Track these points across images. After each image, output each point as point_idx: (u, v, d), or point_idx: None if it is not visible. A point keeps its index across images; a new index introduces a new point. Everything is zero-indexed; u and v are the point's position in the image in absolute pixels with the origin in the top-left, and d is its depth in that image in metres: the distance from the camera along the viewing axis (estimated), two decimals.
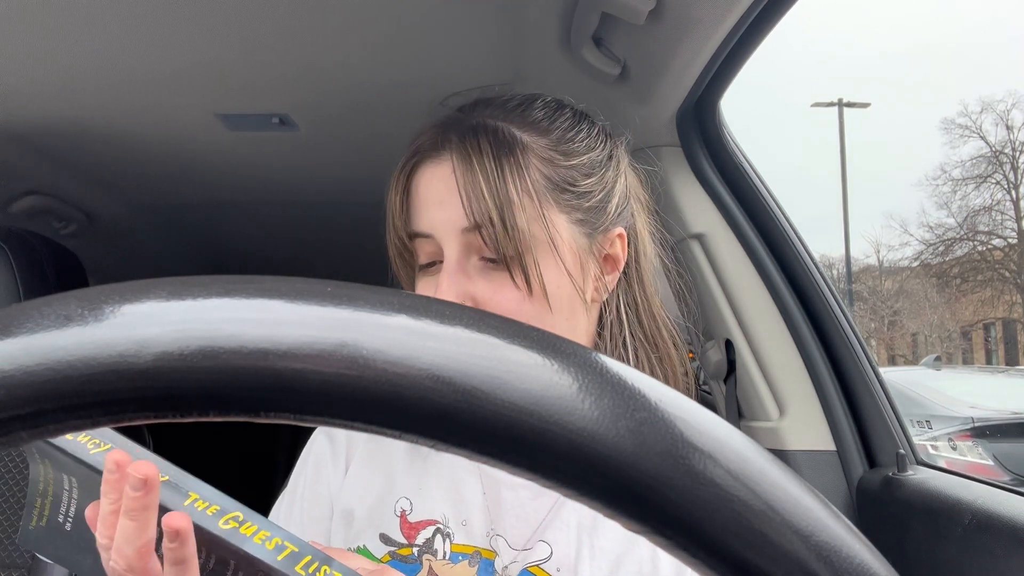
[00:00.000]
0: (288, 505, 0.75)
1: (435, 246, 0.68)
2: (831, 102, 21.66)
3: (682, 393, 0.21)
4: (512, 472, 0.20)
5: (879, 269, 28.31)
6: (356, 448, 0.75)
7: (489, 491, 0.70)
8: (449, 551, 0.68)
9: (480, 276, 0.66)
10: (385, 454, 0.74)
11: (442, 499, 0.70)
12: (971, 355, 24.55)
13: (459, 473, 0.71)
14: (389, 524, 0.70)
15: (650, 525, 0.20)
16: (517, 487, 0.69)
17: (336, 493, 0.73)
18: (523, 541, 0.68)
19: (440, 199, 0.67)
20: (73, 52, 1.05)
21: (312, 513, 0.73)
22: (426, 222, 0.68)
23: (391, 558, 0.68)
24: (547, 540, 0.67)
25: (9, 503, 1.18)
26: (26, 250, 1.22)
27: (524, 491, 0.69)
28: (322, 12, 0.97)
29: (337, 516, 0.72)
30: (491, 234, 0.64)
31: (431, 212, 0.68)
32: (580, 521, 0.68)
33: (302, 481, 0.76)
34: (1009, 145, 23.58)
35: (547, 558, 0.67)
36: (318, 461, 0.76)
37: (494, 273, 0.66)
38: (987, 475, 4.31)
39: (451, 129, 0.69)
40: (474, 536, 0.68)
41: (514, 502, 0.69)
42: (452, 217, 0.66)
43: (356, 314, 0.20)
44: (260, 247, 2.17)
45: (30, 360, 0.18)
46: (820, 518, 0.20)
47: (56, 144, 1.42)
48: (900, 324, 26.15)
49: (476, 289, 0.66)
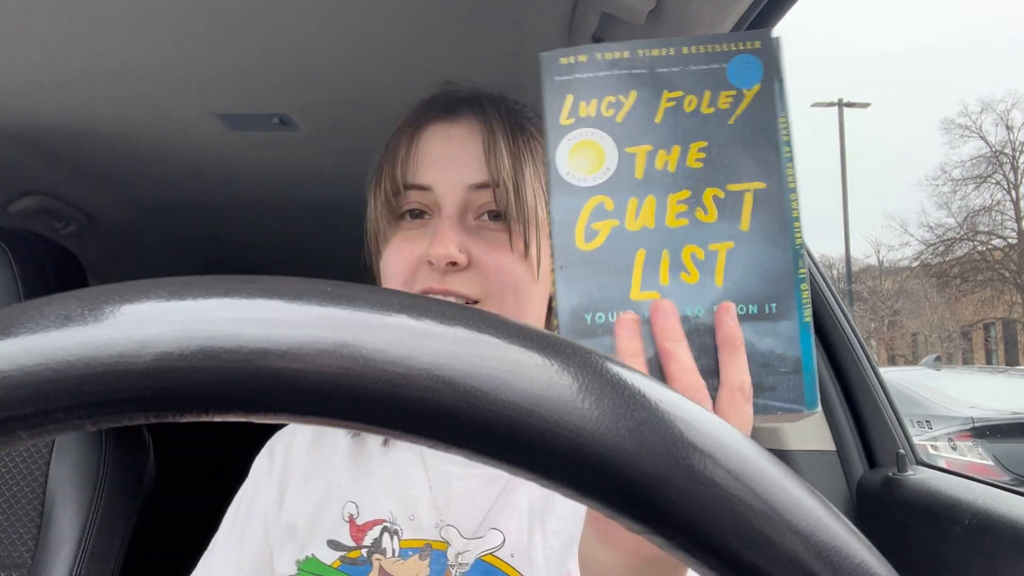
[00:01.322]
0: (231, 524, 0.76)
1: (431, 200, 0.69)
2: (831, 102, 21.65)
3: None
4: (512, 472, 0.20)
5: (879, 269, 28.31)
6: (294, 462, 0.76)
7: (436, 484, 0.71)
8: (398, 548, 0.68)
9: (476, 234, 0.68)
10: (325, 463, 0.75)
11: (388, 498, 0.71)
12: (971, 355, 24.55)
13: (403, 470, 0.72)
14: (337, 530, 0.70)
15: (650, 525, 0.20)
16: (467, 477, 0.70)
17: (273, 509, 0.74)
18: (474, 529, 0.68)
19: (451, 157, 0.69)
20: (73, 52, 1.05)
21: (249, 530, 0.75)
22: (431, 176, 0.69)
23: (341, 563, 0.69)
24: (499, 528, 0.68)
25: (9, 503, 1.18)
26: (26, 250, 1.22)
27: (474, 480, 0.70)
28: (322, 12, 0.97)
29: (281, 531, 0.73)
30: (503, 194, 0.67)
31: (438, 168, 0.69)
32: (531, 506, 0.69)
33: (244, 499, 0.77)
34: (1009, 145, 23.59)
35: (500, 545, 0.67)
36: (257, 479, 0.78)
37: (490, 233, 0.68)
38: (987, 475, 4.31)
39: (462, 100, 0.72)
40: (423, 529, 0.69)
41: (464, 491, 0.70)
42: (464, 174, 0.68)
43: (356, 314, 0.20)
44: (260, 247, 2.17)
45: (30, 360, 0.18)
46: (820, 518, 0.20)
47: (56, 144, 1.42)
48: (900, 324, 26.16)
49: (472, 244, 0.67)
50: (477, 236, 0.68)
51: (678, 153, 0.48)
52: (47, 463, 1.20)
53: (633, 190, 0.47)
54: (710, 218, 0.47)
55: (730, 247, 0.47)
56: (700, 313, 0.46)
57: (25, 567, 1.15)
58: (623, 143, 0.48)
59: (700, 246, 0.47)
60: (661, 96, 0.48)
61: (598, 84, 0.48)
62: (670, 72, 0.48)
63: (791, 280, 0.47)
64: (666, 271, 0.47)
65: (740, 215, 0.47)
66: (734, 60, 0.48)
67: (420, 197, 0.70)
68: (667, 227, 0.47)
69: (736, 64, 0.48)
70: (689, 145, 0.48)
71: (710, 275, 0.47)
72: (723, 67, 0.48)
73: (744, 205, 0.47)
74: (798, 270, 0.47)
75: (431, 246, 0.66)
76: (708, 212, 0.47)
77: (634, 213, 0.47)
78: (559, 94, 0.48)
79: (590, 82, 0.48)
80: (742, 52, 0.48)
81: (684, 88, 0.48)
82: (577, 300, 0.46)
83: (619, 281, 0.46)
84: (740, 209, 0.47)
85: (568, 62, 0.48)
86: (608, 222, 0.47)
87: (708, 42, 0.48)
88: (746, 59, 0.48)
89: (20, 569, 1.15)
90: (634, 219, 0.47)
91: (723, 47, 0.48)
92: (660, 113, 0.48)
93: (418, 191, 0.69)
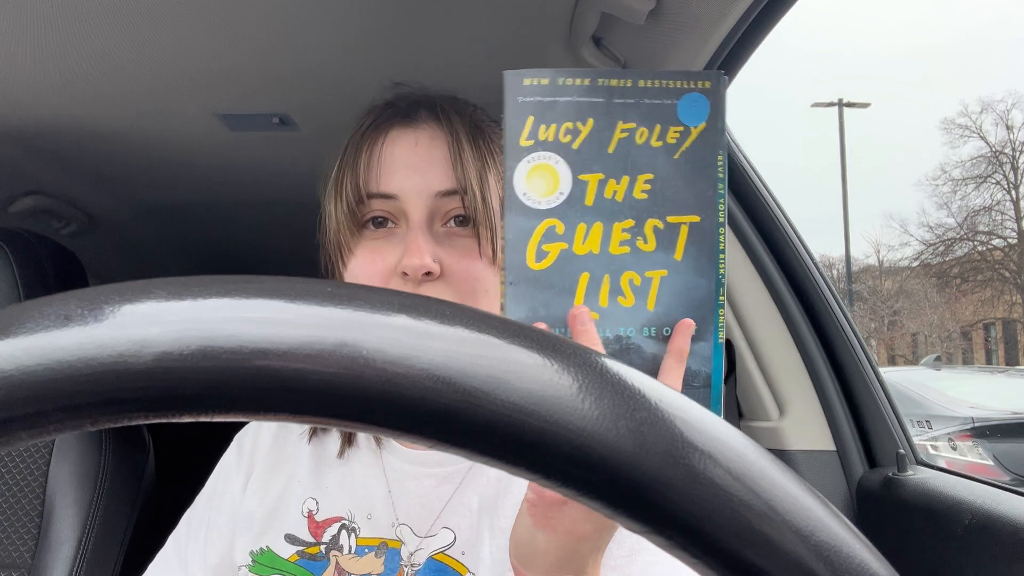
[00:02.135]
0: (201, 510, 0.78)
1: (396, 210, 0.69)
2: (831, 102, 21.64)
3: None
4: (512, 472, 0.20)
5: (879, 269, 28.30)
6: (259, 454, 0.77)
7: (394, 484, 0.72)
8: (355, 545, 0.70)
9: (444, 240, 0.68)
10: (288, 457, 0.76)
11: (347, 496, 0.72)
12: (971, 355, 24.54)
13: (362, 469, 0.73)
14: (295, 525, 0.71)
15: (650, 525, 0.20)
16: (422, 477, 0.71)
17: (238, 499, 0.76)
18: (427, 528, 0.70)
19: (415, 164, 0.69)
20: (73, 52, 1.05)
21: (214, 519, 0.76)
22: (396, 183, 0.68)
23: (299, 557, 0.70)
24: (450, 526, 0.69)
25: (9, 503, 1.18)
26: (26, 250, 1.22)
27: (429, 480, 0.71)
28: (322, 12, 0.97)
29: (241, 520, 0.74)
30: (469, 201, 0.67)
31: (403, 175, 0.69)
32: (482, 504, 0.70)
33: (210, 488, 0.79)
34: (1009, 145, 23.57)
35: (451, 543, 0.69)
36: (226, 469, 0.79)
37: (459, 239, 0.68)
38: (987, 475, 4.31)
39: (419, 102, 0.72)
40: (379, 528, 0.70)
41: (418, 491, 0.71)
42: (427, 181, 0.68)
43: (356, 314, 0.20)
44: (260, 247, 2.17)
45: (30, 360, 0.18)
46: (820, 518, 0.20)
47: (56, 144, 1.42)
48: (900, 324, 26.14)
49: (443, 252, 0.67)
50: (447, 244, 0.68)
51: (627, 183, 0.51)
52: (47, 463, 1.20)
53: (583, 216, 0.51)
54: (649, 247, 0.51)
55: (664, 275, 0.52)
56: (631, 334, 0.51)
57: (25, 567, 1.15)
58: (577, 170, 0.51)
59: (638, 273, 0.51)
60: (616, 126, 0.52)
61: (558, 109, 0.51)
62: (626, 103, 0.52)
63: (712, 306, 0.52)
64: (605, 294, 0.51)
65: (675, 246, 0.52)
66: (684, 98, 0.52)
67: (384, 205, 0.69)
68: (610, 254, 0.51)
69: (686, 101, 0.52)
70: (637, 176, 0.52)
71: (643, 299, 0.51)
72: (674, 103, 0.52)
73: (680, 236, 0.52)
74: (718, 297, 0.53)
75: (405, 257, 0.65)
76: (648, 242, 0.52)
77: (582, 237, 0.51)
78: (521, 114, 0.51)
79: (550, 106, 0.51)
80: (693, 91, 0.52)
81: (637, 120, 0.52)
82: (523, 315, 0.50)
83: (563, 300, 0.50)
84: (676, 240, 0.52)
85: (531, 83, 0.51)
86: (558, 244, 0.51)
87: (663, 77, 0.52)
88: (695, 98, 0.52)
89: (20, 569, 1.15)
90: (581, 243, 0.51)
91: (676, 84, 0.52)
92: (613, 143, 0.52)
93: (382, 199, 0.69)
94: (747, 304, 1.14)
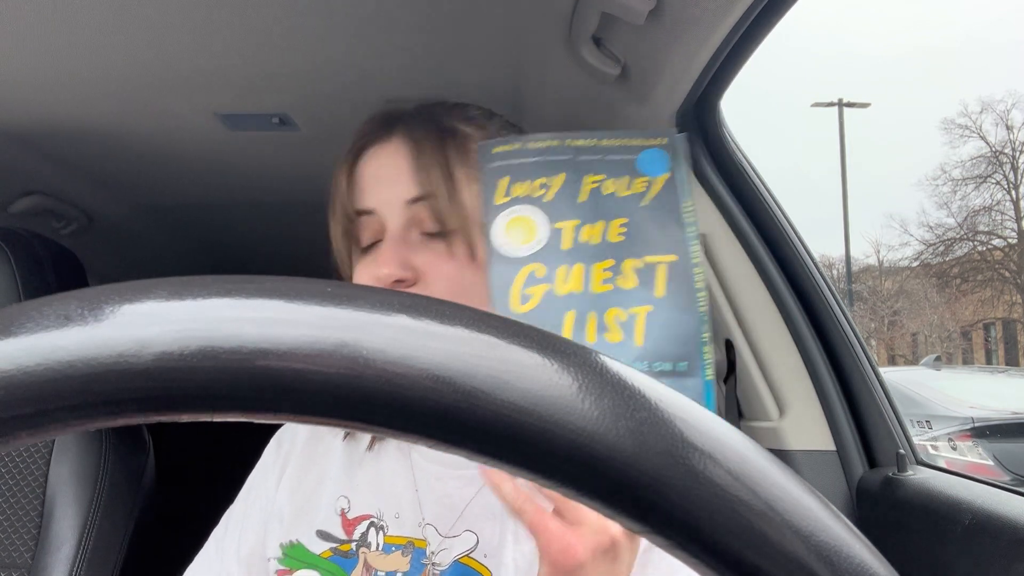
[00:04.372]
0: (243, 503, 0.80)
1: (379, 224, 0.71)
2: (831, 102, 21.63)
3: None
4: (512, 472, 0.20)
5: (879, 269, 28.29)
6: (295, 450, 0.80)
7: (421, 484, 0.73)
8: (382, 542, 0.71)
9: (421, 248, 0.70)
10: (321, 455, 0.78)
11: (376, 495, 0.73)
12: (971, 355, 24.53)
13: (392, 469, 0.75)
14: (327, 521, 0.73)
15: (650, 525, 0.20)
16: (446, 478, 0.72)
17: (272, 494, 0.78)
18: (449, 528, 0.71)
19: (386, 176, 0.72)
20: (73, 52, 1.05)
21: (251, 513, 0.78)
22: (372, 198, 0.72)
23: (332, 553, 0.71)
24: (472, 529, 0.70)
25: (9, 503, 1.18)
26: (26, 250, 1.22)
27: (453, 482, 0.72)
28: (322, 12, 0.97)
29: (273, 514, 0.76)
30: (436, 205, 0.69)
31: (377, 189, 0.72)
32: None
33: (248, 484, 0.82)
34: (1009, 145, 23.56)
35: (474, 547, 0.69)
36: (264, 466, 0.82)
37: (435, 243, 0.70)
38: (987, 475, 4.31)
39: (396, 119, 0.75)
40: (406, 527, 0.71)
41: (442, 492, 0.72)
42: (397, 191, 0.70)
43: (356, 314, 0.20)
44: (260, 247, 2.17)
45: (30, 360, 0.18)
46: (820, 518, 0.20)
47: (56, 144, 1.42)
48: (900, 324, 26.14)
49: (417, 259, 0.69)
50: (423, 249, 0.70)
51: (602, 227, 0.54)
52: (47, 463, 1.20)
53: (562, 259, 0.53)
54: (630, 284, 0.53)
55: (649, 310, 0.53)
56: None
57: (25, 567, 1.15)
58: (553, 218, 0.54)
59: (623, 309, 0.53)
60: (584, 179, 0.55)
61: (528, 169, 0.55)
62: (591, 160, 0.55)
63: (698, 342, 0.53)
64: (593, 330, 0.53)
65: (655, 283, 0.53)
66: (643, 153, 0.56)
67: (370, 222, 0.72)
68: (593, 292, 0.53)
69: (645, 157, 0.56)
70: (611, 221, 0.54)
71: (631, 335, 0.53)
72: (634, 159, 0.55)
73: (658, 274, 0.54)
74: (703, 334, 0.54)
75: (374, 267, 0.68)
76: (628, 279, 0.53)
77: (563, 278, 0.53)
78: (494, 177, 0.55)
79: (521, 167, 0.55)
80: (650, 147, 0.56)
81: (605, 173, 0.55)
82: None
83: None
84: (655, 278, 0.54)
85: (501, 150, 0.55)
86: (540, 286, 0.53)
87: (623, 137, 0.56)
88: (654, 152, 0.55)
89: (20, 569, 1.15)
90: (564, 284, 0.53)
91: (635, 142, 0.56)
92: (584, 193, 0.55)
93: (367, 216, 0.72)
94: (747, 304, 1.14)
